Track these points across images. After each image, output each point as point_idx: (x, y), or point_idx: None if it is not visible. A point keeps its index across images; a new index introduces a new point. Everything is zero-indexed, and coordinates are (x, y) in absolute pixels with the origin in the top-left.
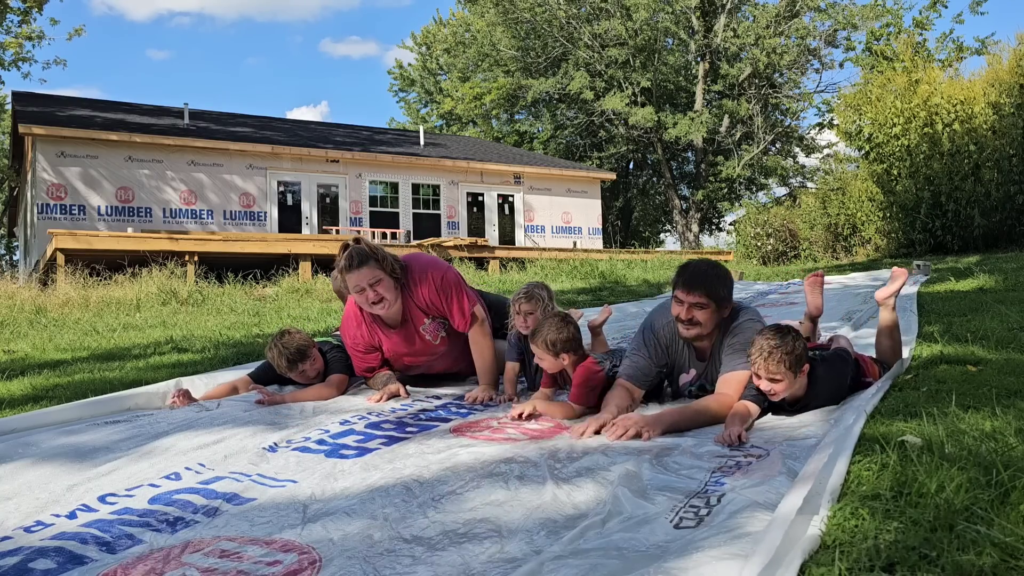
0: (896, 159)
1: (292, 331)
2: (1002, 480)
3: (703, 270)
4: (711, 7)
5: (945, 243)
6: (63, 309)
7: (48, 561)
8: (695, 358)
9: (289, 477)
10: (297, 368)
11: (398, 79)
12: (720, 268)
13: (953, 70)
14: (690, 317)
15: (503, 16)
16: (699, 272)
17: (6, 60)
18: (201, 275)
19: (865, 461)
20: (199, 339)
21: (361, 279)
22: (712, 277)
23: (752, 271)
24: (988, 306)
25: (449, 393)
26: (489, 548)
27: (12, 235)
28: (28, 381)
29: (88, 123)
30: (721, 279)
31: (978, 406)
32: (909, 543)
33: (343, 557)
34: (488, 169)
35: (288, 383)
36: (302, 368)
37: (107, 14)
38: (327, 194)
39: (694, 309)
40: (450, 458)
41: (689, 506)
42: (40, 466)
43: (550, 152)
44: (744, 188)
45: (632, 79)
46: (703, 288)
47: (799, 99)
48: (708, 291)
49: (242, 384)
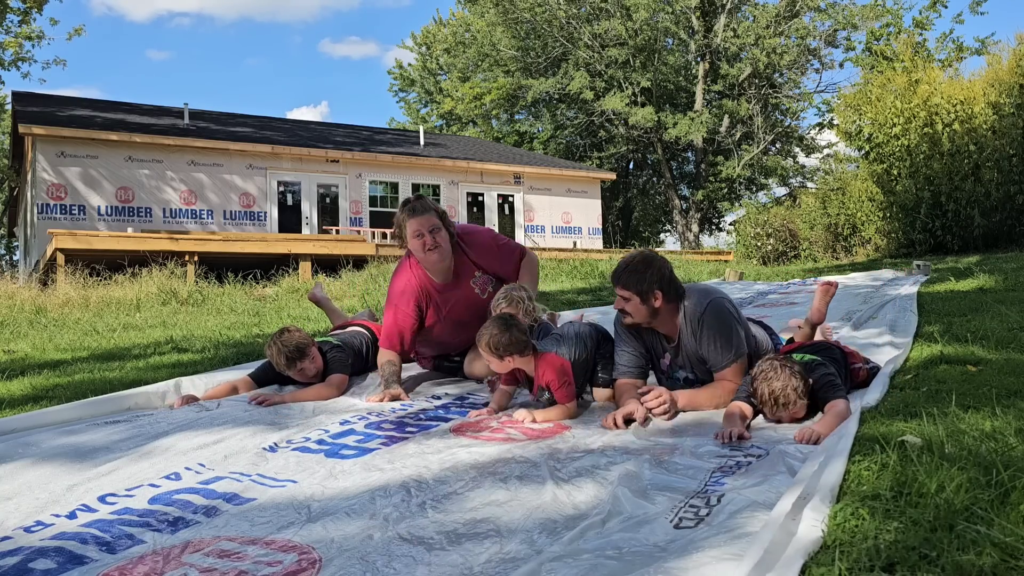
0: (896, 159)
1: (291, 329)
2: (1002, 480)
3: (625, 265)
4: (711, 7)
5: (945, 243)
6: (63, 309)
7: (48, 561)
8: (664, 341)
9: (289, 477)
10: (296, 366)
11: (398, 79)
12: (644, 262)
13: (953, 70)
14: (621, 308)
15: (503, 16)
16: (621, 268)
17: (6, 60)
18: (201, 275)
19: (865, 461)
20: (199, 339)
21: (422, 225)
22: (632, 272)
23: (752, 271)
24: (988, 306)
25: (449, 393)
26: (489, 548)
27: (12, 235)
28: (28, 381)
29: (88, 123)
30: (639, 273)
31: (978, 406)
32: (909, 543)
33: (343, 557)
34: (488, 169)
35: (289, 382)
36: (301, 366)
37: (107, 15)
38: (327, 194)
39: (622, 302)
40: (450, 458)
41: (689, 506)
42: (40, 466)
43: (550, 152)
44: (744, 188)
45: (632, 79)
46: (622, 283)
47: (799, 99)
48: (626, 285)
49: (242, 384)
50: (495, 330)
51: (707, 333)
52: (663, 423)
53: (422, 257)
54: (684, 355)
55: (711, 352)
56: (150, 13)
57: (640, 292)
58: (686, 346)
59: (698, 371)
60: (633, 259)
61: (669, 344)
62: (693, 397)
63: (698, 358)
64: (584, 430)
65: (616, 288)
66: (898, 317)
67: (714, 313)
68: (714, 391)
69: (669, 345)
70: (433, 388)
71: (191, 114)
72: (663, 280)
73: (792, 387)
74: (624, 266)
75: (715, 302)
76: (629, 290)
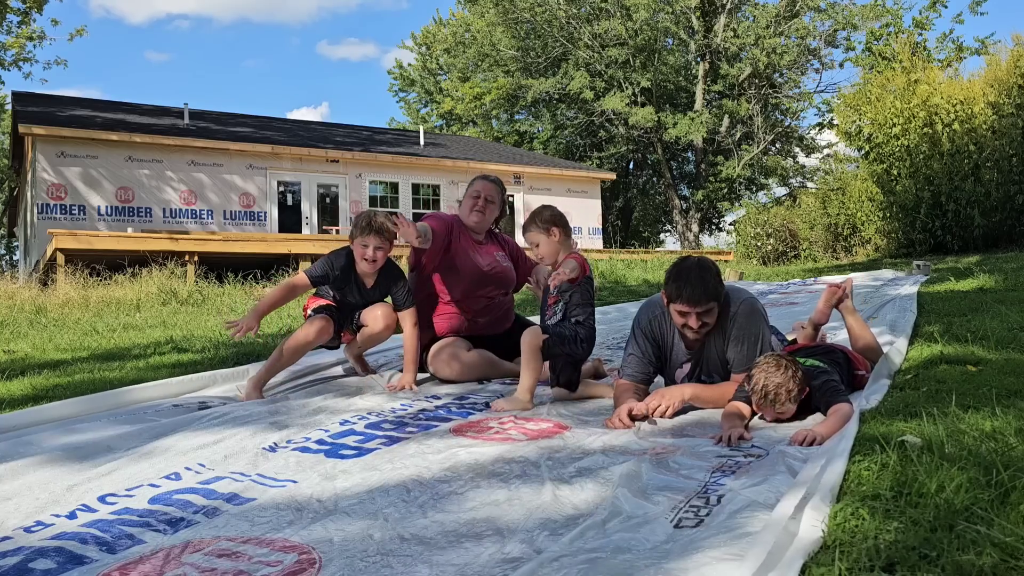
0: (896, 159)
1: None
2: (1002, 480)
3: (701, 279)
4: (711, 7)
5: (945, 243)
6: (63, 309)
7: (48, 561)
8: (685, 347)
9: (289, 477)
10: (372, 237)
11: (398, 79)
12: (709, 266)
13: (953, 70)
14: (700, 324)
15: (503, 16)
16: (699, 283)
17: (7, 60)
18: (201, 275)
19: (865, 461)
20: (199, 339)
21: (491, 192)
22: (709, 282)
23: (752, 271)
24: (988, 306)
25: (449, 393)
26: (489, 548)
27: (12, 235)
28: (28, 381)
29: (88, 123)
30: (715, 276)
31: (978, 406)
32: (909, 543)
33: (343, 557)
34: (488, 169)
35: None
36: (376, 244)
37: (105, 17)
38: (327, 194)
39: (703, 316)
40: (450, 458)
41: (689, 506)
42: (40, 466)
43: (550, 152)
44: (744, 188)
45: (632, 79)
46: (707, 296)
47: (799, 99)
48: (713, 296)
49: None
50: (542, 209)
51: (736, 333)
52: (664, 423)
53: (467, 215)
54: (705, 361)
55: (736, 352)
56: (148, 16)
57: (719, 297)
58: (711, 349)
59: (718, 375)
60: (700, 270)
61: (690, 350)
62: (701, 391)
63: (722, 359)
64: (584, 430)
65: (694, 306)
66: (898, 317)
67: (747, 314)
68: (724, 391)
69: (689, 352)
70: (433, 388)
71: (191, 114)
72: (720, 291)
73: (787, 388)
74: (700, 282)
75: (747, 303)
76: (713, 300)
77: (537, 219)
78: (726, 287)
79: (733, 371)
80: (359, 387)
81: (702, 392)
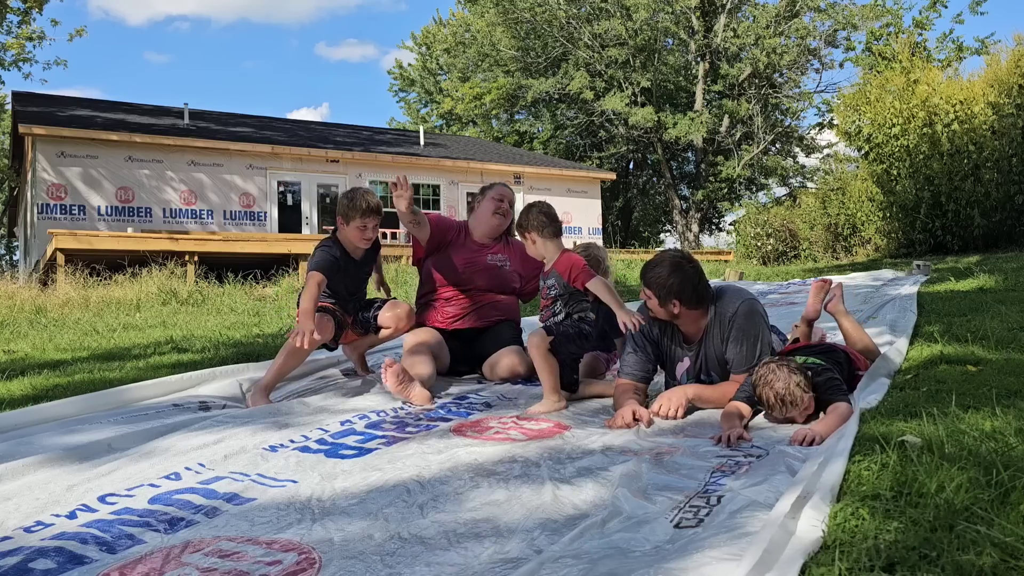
0: (896, 159)
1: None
2: (1002, 480)
3: (652, 266)
4: (711, 7)
5: (945, 243)
6: (63, 309)
7: (48, 561)
8: (684, 344)
9: (289, 477)
10: (371, 218)
11: (398, 79)
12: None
13: (952, 70)
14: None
15: (503, 16)
16: (648, 267)
17: (7, 60)
18: (201, 275)
19: (865, 461)
20: (199, 339)
21: (512, 197)
22: (655, 275)
23: (752, 271)
24: (988, 306)
25: (450, 393)
26: (489, 548)
27: (12, 235)
28: (28, 381)
29: (88, 123)
30: (662, 279)
31: (978, 406)
32: (909, 543)
33: (343, 557)
34: (488, 169)
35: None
36: (375, 223)
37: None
38: (327, 194)
39: (644, 297)
40: (450, 458)
41: (689, 506)
42: (40, 466)
43: (550, 152)
44: (744, 188)
45: (632, 79)
46: (645, 281)
47: (799, 99)
48: (648, 285)
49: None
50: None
51: (735, 334)
52: (665, 422)
53: (486, 218)
54: (704, 358)
55: (735, 353)
56: (147, 17)
57: (659, 296)
58: (710, 347)
59: (716, 374)
60: (661, 261)
61: (688, 347)
62: (703, 391)
63: (720, 359)
64: (584, 430)
65: (641, 283)
66: (898, 317)
67: (745, 314)
68: (725, 390)
69: (688, 349)
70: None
71: (191, 114)
72: (684, 290)
73: (795, 383)
74: (652, 267)
75: (747, 303)
76: (650, 290)
77: (514, 226)
78: (729, 287)
79: (733, 371)
80: (359, 387)
81: (704, 392)
